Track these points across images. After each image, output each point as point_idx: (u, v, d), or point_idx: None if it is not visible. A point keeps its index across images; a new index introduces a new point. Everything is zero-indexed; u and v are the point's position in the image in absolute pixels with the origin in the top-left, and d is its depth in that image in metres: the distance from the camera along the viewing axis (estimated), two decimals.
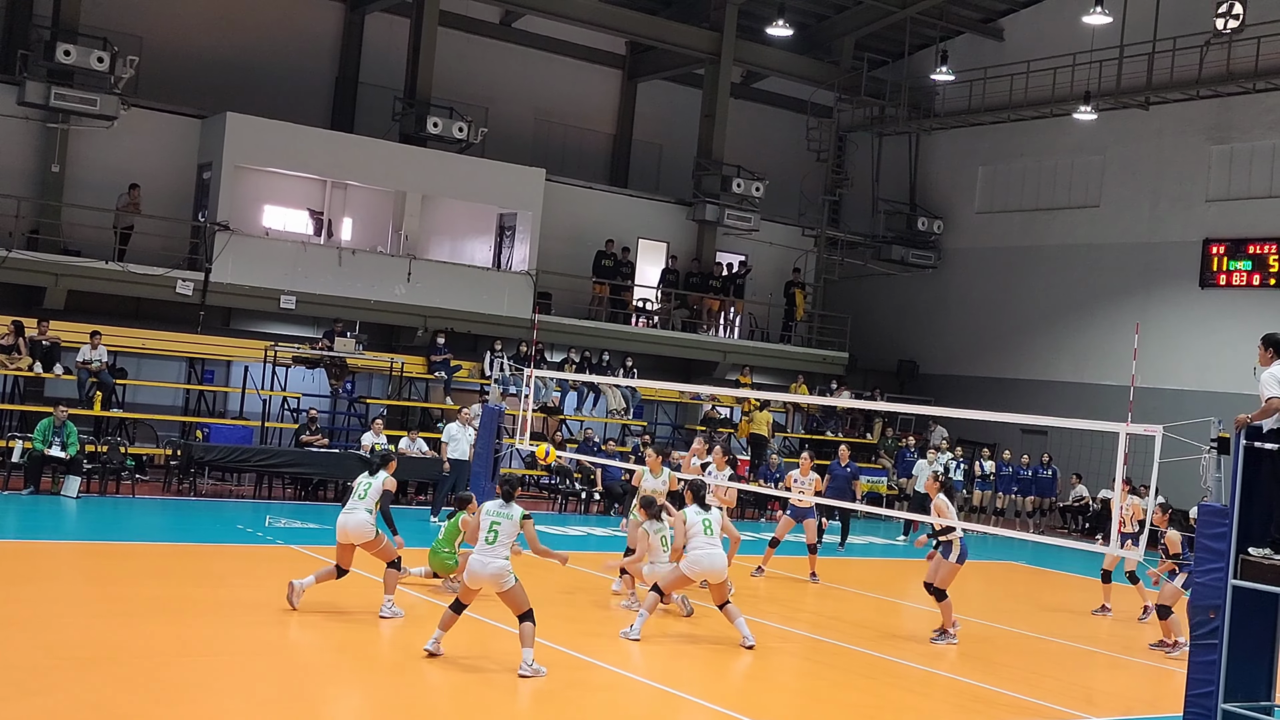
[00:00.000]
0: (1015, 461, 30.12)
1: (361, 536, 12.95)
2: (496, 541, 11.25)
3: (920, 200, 36.90)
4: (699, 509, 13.42)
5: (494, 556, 11.21)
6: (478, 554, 11.31)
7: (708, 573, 13.18)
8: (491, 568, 11.17)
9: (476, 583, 11.29)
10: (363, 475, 13.45)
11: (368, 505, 13.04)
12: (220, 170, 26.41)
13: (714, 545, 13.21)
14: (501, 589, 11.20)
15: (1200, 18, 29.68)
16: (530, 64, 33.97)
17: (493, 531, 11.28)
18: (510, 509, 11.42)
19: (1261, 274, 29.22)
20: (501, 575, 11.17)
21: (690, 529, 13.27)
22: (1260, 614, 10.12)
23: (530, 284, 29.60)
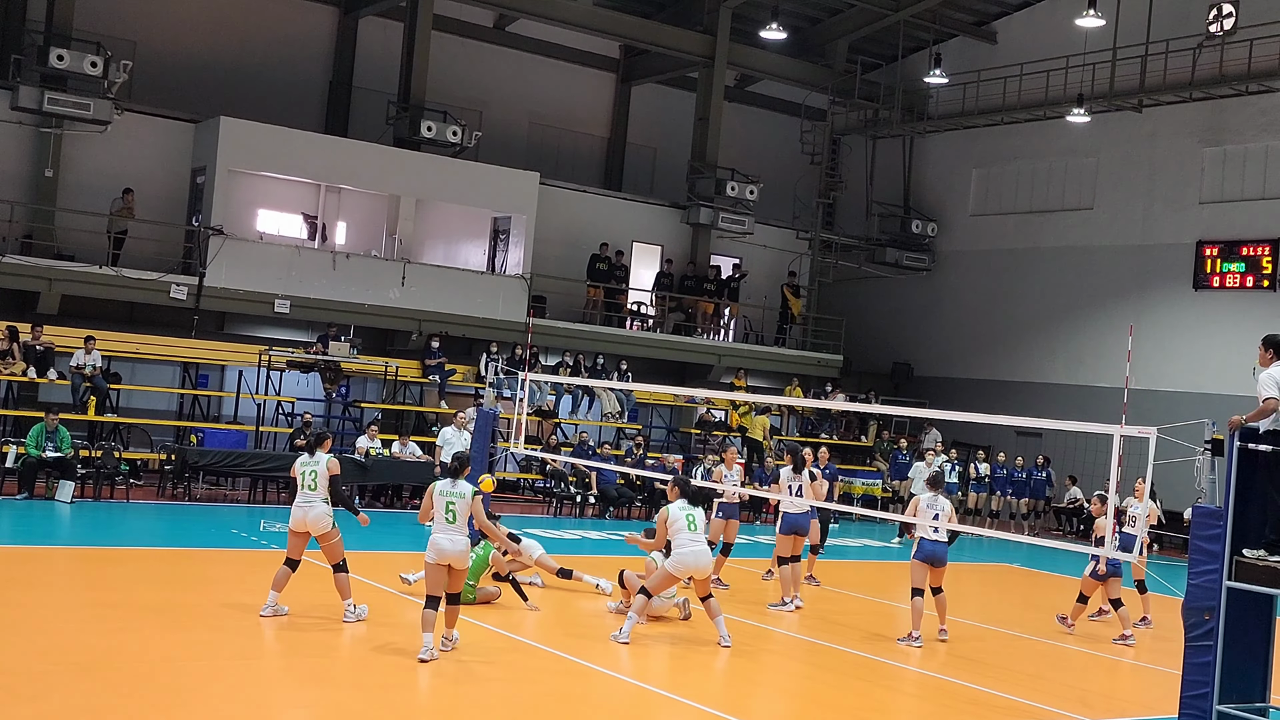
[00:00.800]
0: (1010, 464, 30.15)
1: (320, 528, 12.80)
2: (456, 521, 11.75)
3: (914, 203, 36.93)
4: (684, 504, 13.33)
5: (458, 535, 11.71)
6: (442, 534, 11.71)
7: (693, 569, 13.11)
8: (458, 545, 11.68)
9: (444, 559, 11.65)
10: (302, 458, 13.13)
11: (321, 495, 12.88)
12: (214, 174, 26.40)
13: (698, 542, 13.14)
14: (462, 566, 11.79)
15: (1193, 20, 29.74)
16: (524, 67, 33.98)
17: (450, 512, 11.77)
18: (459, 486, 11.89)
19: (1255, 275, 29.27)
20: (465, 554, 11.80)
21: (674, 525, 13.18)
22: (1255, 615, 10.13)
23: (525, 287, 29.60)
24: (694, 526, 13.13)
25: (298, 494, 12.99)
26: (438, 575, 11.66)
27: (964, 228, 36.11)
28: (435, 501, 11.86)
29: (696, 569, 13.10)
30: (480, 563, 14.63)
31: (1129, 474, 14.13)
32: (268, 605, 12.74)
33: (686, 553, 13.07)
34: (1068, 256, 33.31)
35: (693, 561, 13.09)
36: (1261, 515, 10.02)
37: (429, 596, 11.65)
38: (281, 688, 10.52)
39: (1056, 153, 33.85)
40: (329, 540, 12.82)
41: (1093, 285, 32.55)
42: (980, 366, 34.77)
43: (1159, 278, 31.12)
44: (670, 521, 13.20)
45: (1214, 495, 10.19)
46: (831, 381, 33.73)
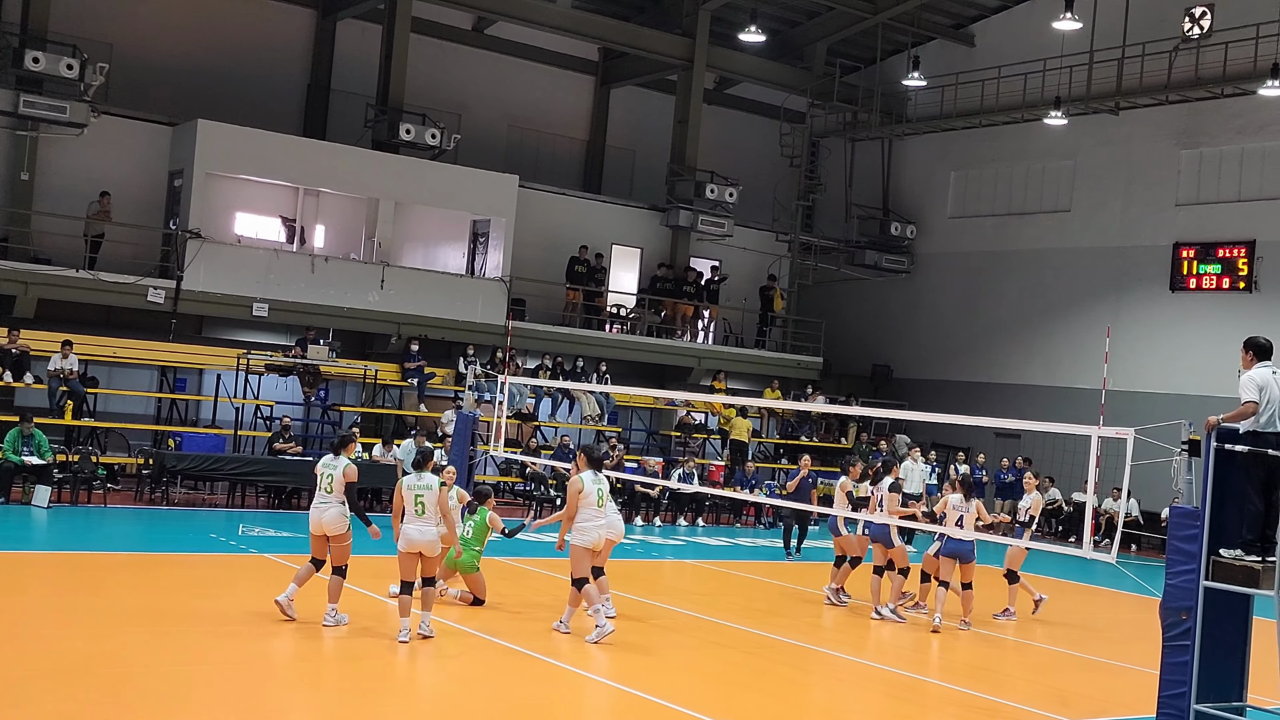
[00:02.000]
0: (989, 465, 30.22)
1: (335, 529, 12.87)
2: (425, 512, 12.44)
3: (893, 205, 37.03)
4: (593, 475, 13.38)
5: (427, 525, 12.44)
6: (411, 524, 12.44)
7: (599, 542, 13.25)
8: (428, 535, 12.41)
9: (413, 547, 12.39)
10: (326, 458, 13.26)
11: (338, 498, 12.95)
12: (191, 177, 26.31)
13: (605, 515, 13.32)
14: (433, 554, 12.50)
15: (1169, 24, 29.92)
16: (503, 70, 33.95)
17: (419, 504, 12.45)
18: (425, 478, 12.57)
19: (1231, 277, 29.44)
20: (435, 543, 12.50)
21: (585, 497, 13.23)
22: (1232, 615, 10.18)
23: (504, 290, 29.57)
24: (602, 500, 13.30)
25: (315, 495, 13.08)
26: (410, 563, 12.43)
27: (942, 230, 36.22)
28: (404, 495, 12.49)
29: (609, 537, 13.40)
30: (480, 527, 14.73)
31: (1107, 475, 14.21)
32: (285, 594, 12.89)
33: (591, 526, 13.19)
34: (1045, 258, 33.45)
35: (599, 535, 13.25)
36: (1238, 515, 10.07)
37: (403, 583, 12.39)
38: (264, 692, 10.48)
39: (1034, 155, 33.98)
40: (341, 543, 12.93)
41: (1070, 287, 32.69)
42: (959, 368, 34.87)
43: (1136, 279, 31.27)
44: (583, 494, 13.20)
45: (1191, 496, 10.24)
46: (811, 383, 33.80)
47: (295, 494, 23.37)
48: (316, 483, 13.09)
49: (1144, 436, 10.93)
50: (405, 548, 12.42)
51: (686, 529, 25.63)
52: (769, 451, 32.34)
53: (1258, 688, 10.58)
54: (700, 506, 26.53)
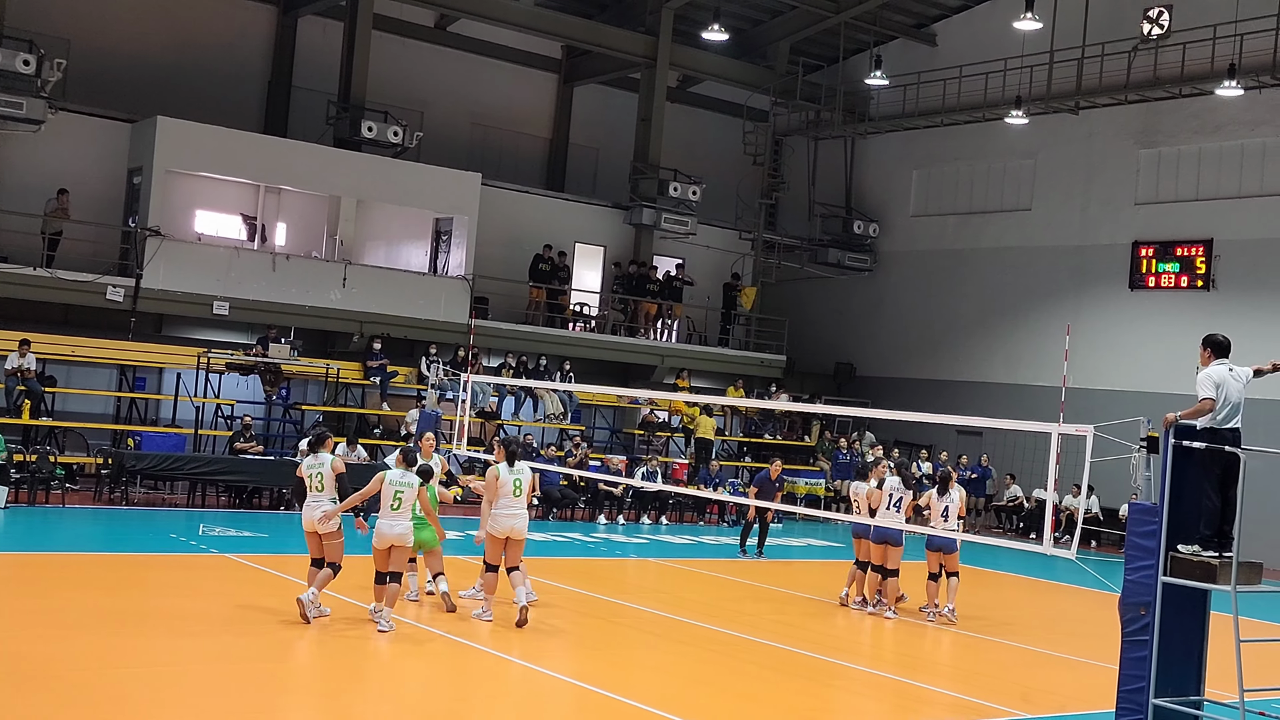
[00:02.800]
0: (952, 462, 30.38)
1: (326, 526, 13.11)
2: (400, 508, 12.91)
3: (856, 204, 37.16)
4: (509, 467, 13.74)
5: (400, 520, 12.93)
6: (385, 519, 12.88)
7: (510, 530, 13.61)
8: (398, 529, 12.91)
9: (384, 542, 12.86)
10: (308, 459, 13.52)
11: (329, 495, 13.21)
12: (151, 175, 26.08)
13: (520, 506, 13.68)
14: (405, 544, 12.97)
15: (1128, 24, 30.15)
16: (465, 68, 33.85)
17: (397, 499, 12.90)
18: (410, 476, 13.06)
19: (1189, 276, 29.70)
20: (406, 536, 12.98)
21: (503, 487, 13.62)
22: (1189, 610, 10.27)
23: (467, 289, 29.49)
24: (519, 490, 13.68)
25: (307, 495, 13.35)
26: (382, 557, 12.89)
27: (905, 228, 36.37)
28: (385, 489, 12.91)
29: (513, 531, 13.66)
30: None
31: (1067, 472, 14.30)
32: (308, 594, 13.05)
33: (503, 514, 13.62)
34: (1006, 257, 33.64)
35: (509, 523, 13.62)
36: (1196, 511, 10.17)
37: (377, 573, 12.90)
38: (224, 694, 10.40)
39: (995, 154, 34.18)
40: (333, 540, 13.21)
41: (1031, 285, 32.89)
42: (921, 366, 35.03)
43: (1096, 278, 31.50)
44: (501, 484, 13.61)
45: (1149, 492, 10.32)
46: (775, 382, 33.87)
47: (256, 494, 23.25)
48: (307, 485, 13.33)
49: (1103, 434, 11.01)
50: (378, 544, 12.88)
51: (650, 527, 25.64)
52: (733, 450, 32.39)
53: (1215, 682, 10.68)
54: (664, 505, 26.55)
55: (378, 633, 12.64)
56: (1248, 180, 29.17)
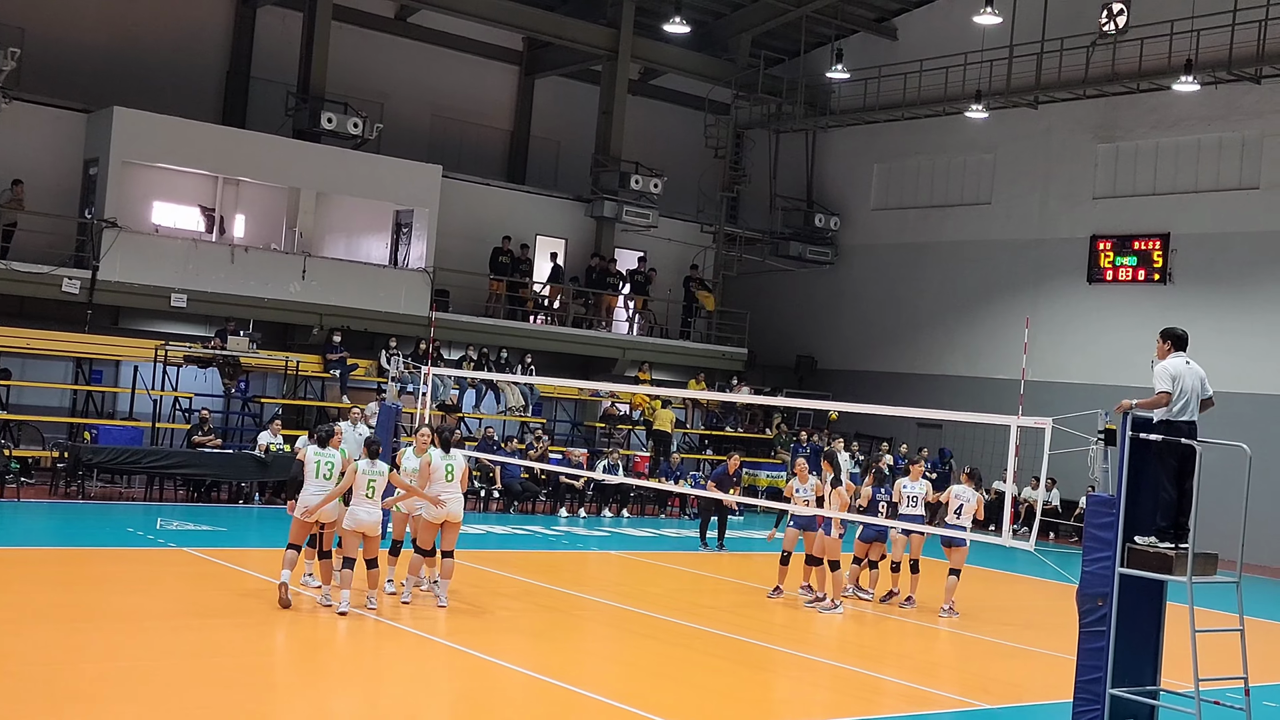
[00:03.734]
0: (912, 455, 30.46)
1: (330, 516, 13.64)
2: (374, 495, 13.39)
3: (817, 197, 37.26)
4: (443, 453, 14.08)
5: (375, 507, 13.43)
6: (360, 507, 13.32)
7: (447, 515, 13.91)
8: (374, 516, 13.39)
9: (360, 527, 13.30)
10: (313, 448, 13.85)
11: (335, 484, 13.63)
12: (107, 166, 25.82)
13: (453, 490, 13.95)
14: (373, 534, 13.44)
15: (1087, 19, 30.34)
16: (426, 59, 33.68)
17: (370, 488, 13.37)
18: (378, 465, 13.51)
19: (1146, 269, 29.94)
20: (378, 524, 13.47)
21: (435, 472, 13.93)
22: (1146, 601, 10.35)
23: (427, 281, 29.36)
24: (451, 475, 13.96)
25: (310, 483, 13.63)
26: (354, 540, 13.34)
27: (865, 222, 36.50)
28: (357, 479, 13.35)
29: (450, 515, 13.94)
30: None
31: (1025, 464, 14.39)
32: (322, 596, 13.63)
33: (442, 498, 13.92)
34: (966, 250, 33.82)
35: (451, 508, 13.92)
36: (1153, 503, 10.24)
37: (345, 558, 13.35)
38: (183, 690, 10.31)
39: (955, 148, 34.34)
40: (334, 529, 13.79)
41: (990, 279, 33.09)
42: (882, 359, 35.17)
43: (1054, 271, 31.71)
44: (434, 469, 13.93)
45: (1107, 484, 10.39)
46: (736, 375, 33.91)
47: (214, 487, 23.10)
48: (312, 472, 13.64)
49: (1061, 426, 11.07)
50: (353, 526, 13.31)
51: (611, 520, 25.63)
52: (694, 443, 32.42)
53: (1171, 672, 10.77)
54: (625, 498, 26.55)
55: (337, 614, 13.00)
56: (1204, 175, 29.44)
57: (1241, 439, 10.61)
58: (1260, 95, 28.23)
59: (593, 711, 10.68)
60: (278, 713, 9.99)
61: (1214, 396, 10.64)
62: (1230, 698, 10.37)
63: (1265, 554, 26.41)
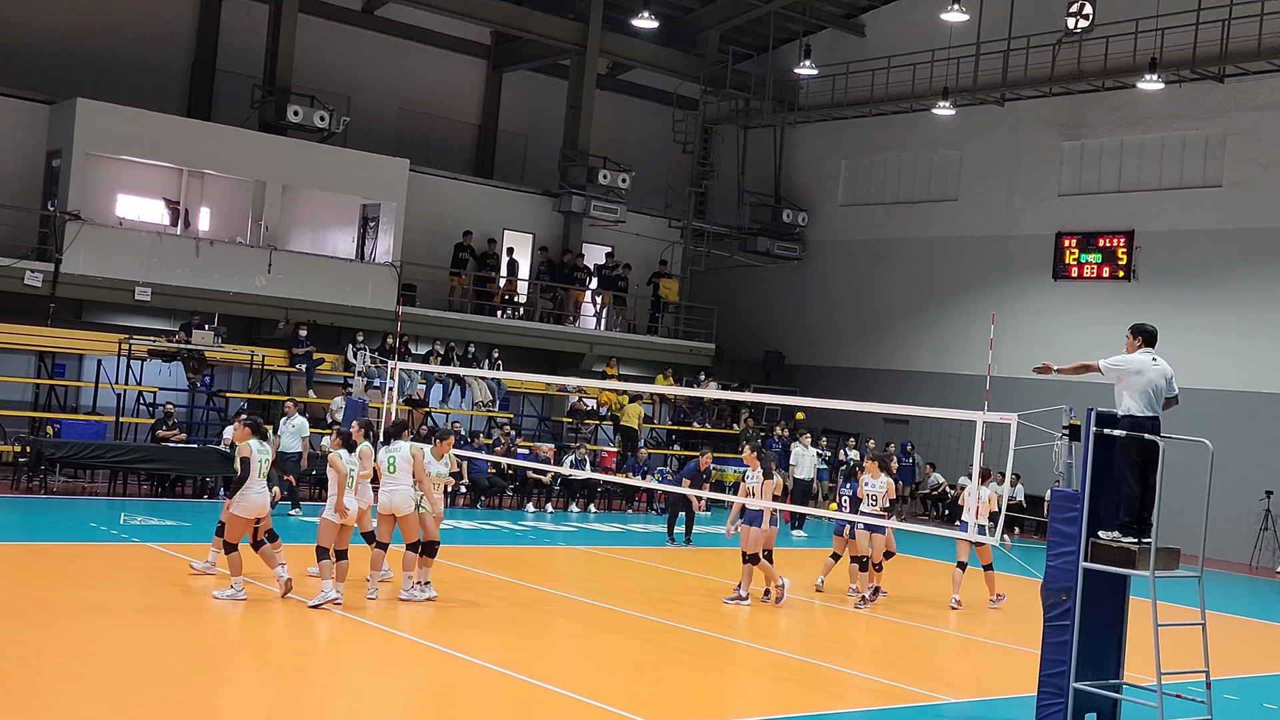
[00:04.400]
0: (879, 450, 30.58)
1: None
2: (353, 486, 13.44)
3: (785, 193, 37.32)
4: (386, 445, 14.28)
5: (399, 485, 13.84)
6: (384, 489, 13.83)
7: (391, 507, 13.97)
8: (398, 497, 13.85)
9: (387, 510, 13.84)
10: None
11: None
12: (71, 157, 25.62)
13: (396, 483, 13.96)
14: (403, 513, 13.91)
15: (1053, 17, 30.51)
16: (393, 53, 33.54)
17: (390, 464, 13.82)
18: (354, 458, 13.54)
19: (1111, 266, 30.15)
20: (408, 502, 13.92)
21: (377, 466, 14.09)
22: (1109, 595, 10.43)
23: (394, 275, 29.26)
24: (393, 468, 14.03)
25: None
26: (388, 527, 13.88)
27: (833, 218, 36.60)
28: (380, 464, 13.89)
29: (394, 508, 14.02)
30: None
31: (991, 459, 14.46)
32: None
33: (384, 492, 14.07)
34: (933, 246, 33.96)
35: (387, 501, 14.02)
36: (1116, 498, 10.32)
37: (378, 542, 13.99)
38: (145, 685, 10.24)
39: (922, 145, 34.47)
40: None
41: (957, 275, 33.24)
42: (849, 354, 35.29)
43: (1020, 268, 31.89)
44: (376, 463, 14.15)
45: (1071, 479, 10.46)
46: (704, 370, 33.95)
47: (179, 482, 22.94)
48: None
49: (1027, 421, 11.12)
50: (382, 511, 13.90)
51: (579, 515, 25.61)
52: (661, 438, 32.43)
53: (1134, 665, 10.86)
54: (592, 493, 26.53)
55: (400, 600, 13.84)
56: (1168, 173, 29.66)
57: (1204, 435, 10.71)
58: (1223, 94, 28.46)
59: (559, 706, 10.67)
60: (240, 707, 9.94)
61: (1178, 393, 10.73)
62: (1192, 691, 10.46)
63: (1227, 549, 26.68)
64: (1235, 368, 27.83)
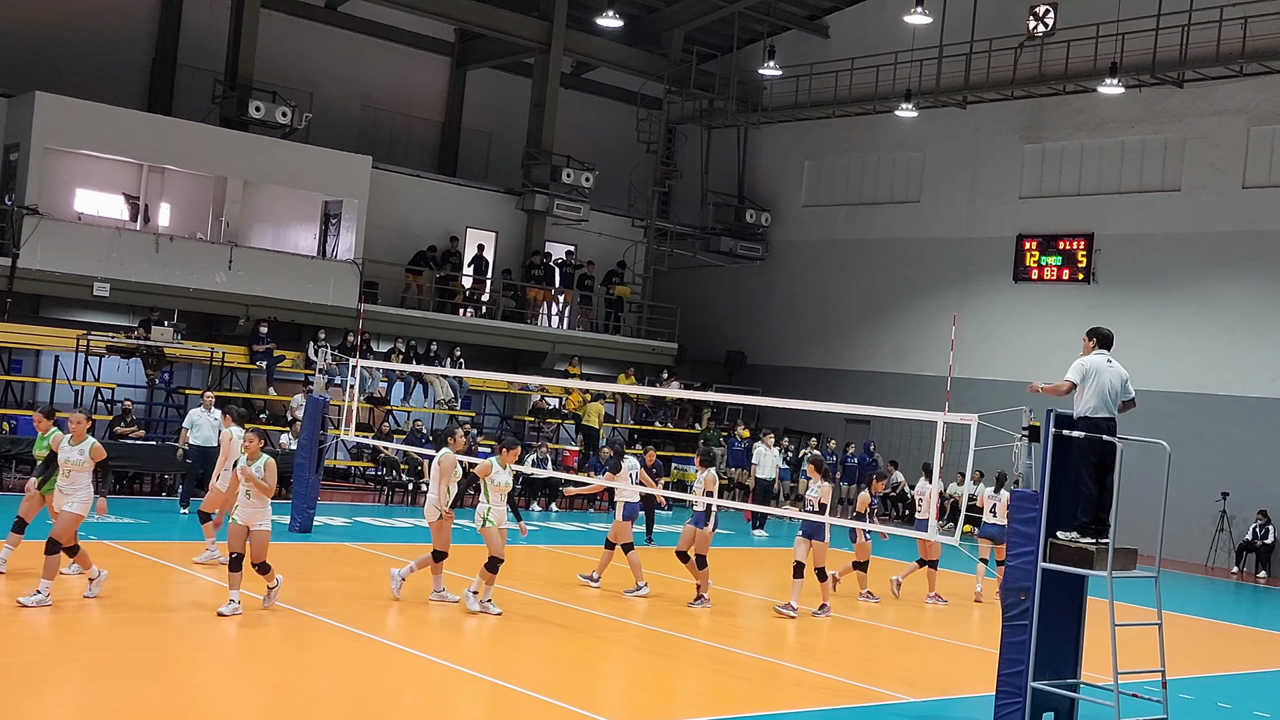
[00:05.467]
0: (840, 450, 30.74)
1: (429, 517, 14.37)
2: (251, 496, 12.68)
3: (748, 193, 37.39)
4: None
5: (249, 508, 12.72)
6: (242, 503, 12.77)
7: (247, 519, 12.78)
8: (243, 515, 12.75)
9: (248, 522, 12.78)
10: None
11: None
12: (29, 151, 25.36)
13: (244, 500, 12.80)
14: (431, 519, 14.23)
15: (1015, 21, 30.71)
16: (357, 49, 33.38)
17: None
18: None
19: (1071, 269, 30.37)
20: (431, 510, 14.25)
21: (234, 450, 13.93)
22: (1067, 595, 10.50)
23: (356, 273, 29.13)
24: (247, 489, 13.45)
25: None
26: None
27: (796, 218, 36.70)
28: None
29: (247, 520, 13.30)
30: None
31: (951, 459, 14.53)
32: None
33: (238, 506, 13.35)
34: (895, 248, 34.11)
35: (239, 514, 13.20)
36: (1075, 499, 10.39)
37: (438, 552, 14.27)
38: (100, 684, 10.14)
39: (885, 146, 34.61)
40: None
41: (919, 276, 33.39)
42: (811, 355, 35.39)
43: (981, 270, 32.07)
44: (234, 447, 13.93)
45: (1030, 479, 10.53)
46: (666, 369, 33.96)
47: (137, 479, 22.75)
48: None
49: (987, 422, 11.18)
50: None
51: (540, 514, 25.56)
52: (624, 437, 32.41)
53: (1091, 665, 10.94)
54: (554, 492, 26.48)
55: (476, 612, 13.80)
56: (1127, 176, 29.91)
57: (1161, 436, 10.80)
58: (1182, 99, 28.72)
59: (520, 705, 10.64)
60: (196, 705, 9.86)
61: (1134, 394, 10.82)
62: (1148, 690, 10.54)
63: (1183, 549, 26.94)
64: (1192, 370, 28.10)
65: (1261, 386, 27.26)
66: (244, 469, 12.79)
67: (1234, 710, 13.02)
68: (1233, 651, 17.77)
